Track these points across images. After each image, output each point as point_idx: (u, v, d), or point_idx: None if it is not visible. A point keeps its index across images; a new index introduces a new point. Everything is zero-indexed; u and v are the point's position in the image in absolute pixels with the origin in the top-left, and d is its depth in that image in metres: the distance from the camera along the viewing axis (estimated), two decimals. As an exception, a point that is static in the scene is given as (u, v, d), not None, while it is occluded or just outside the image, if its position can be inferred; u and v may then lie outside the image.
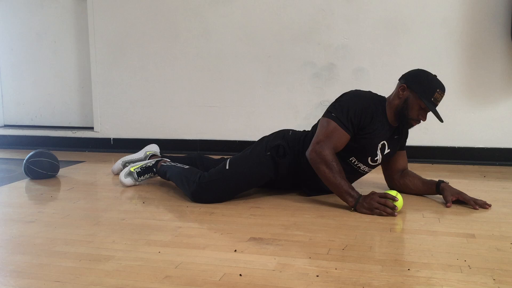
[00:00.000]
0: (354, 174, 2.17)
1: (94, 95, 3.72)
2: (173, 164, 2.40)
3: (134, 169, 2.45)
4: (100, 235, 1.71)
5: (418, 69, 2.12)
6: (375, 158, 2.12)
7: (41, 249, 1.58)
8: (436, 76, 2.05)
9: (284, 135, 2.26)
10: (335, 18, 3.19)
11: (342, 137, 2.02)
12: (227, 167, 2.15)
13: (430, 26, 3.05)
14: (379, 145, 2.09)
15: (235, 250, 1.54)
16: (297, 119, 3.32)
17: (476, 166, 2.97)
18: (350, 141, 2.05)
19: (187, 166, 2.31)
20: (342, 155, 2.08)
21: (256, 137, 2.32)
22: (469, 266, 1.40)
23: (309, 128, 2.29)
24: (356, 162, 2.11)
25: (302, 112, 3.31)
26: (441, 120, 2.03)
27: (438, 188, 2.12)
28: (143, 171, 2.46)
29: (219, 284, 1.30)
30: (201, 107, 3.51)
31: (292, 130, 2.31)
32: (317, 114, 3.27)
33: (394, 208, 1.89)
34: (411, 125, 2.10)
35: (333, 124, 2.02)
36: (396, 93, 2.09)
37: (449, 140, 3.10)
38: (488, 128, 3.05)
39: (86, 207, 2.10)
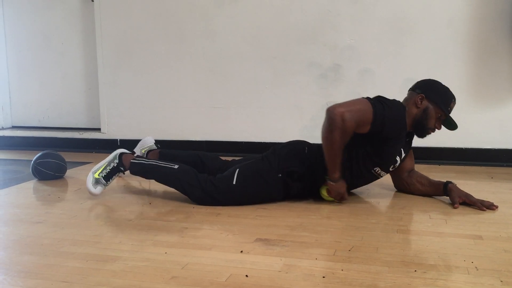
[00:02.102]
0: (372, 179, 2.19)
1: (101, 97, 3.74)
2: (152, 162, 2.24)
3: (98, 175, 2.21)
4: (107, 236, 1.72)
5: (432, 79, 2.16)
6: (396, 165, 2.15)
7: (48, 249, 1.59)
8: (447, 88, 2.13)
9: (299, 154, 2.14)
10: (341, 19, 3.19)
11: (367, 115, 1.95)
12: (234, 182, 2.06)
13: (436, 27, 3.04)
14: (399, 152, 2.12)
15: (241, 251, 1.54)
16: (303, 120, 3.32)
17: (483, 167, 2.96)
18: (376, 152, 2.04)
19: (176, 166, 2.16)
20: (368, 165, 2.08)
21: (262, 138, 2.32)
22: (476, 267, 1.39)
23: (315, 128, 2.29)
24: (379, 171, 2.13)
25: (307, 113, 3.31)
26: (456, 127, 2.11)
27: (445, 189, 2.12)
28: (109, 174, 2.24)
29: (225, 284, 1.30)
30: (207, 108, 3.52)
31: (308, 146, 2.19)
32: (323, 115, 3.26)
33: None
34: (428, 134, 2.12)
35: (365, 101, 1.99)
36: (413, 102, 2.09)
37: (456, 141, 3.08)
38: (495, 129, 3.03)
39: (93, 208, 2.11)
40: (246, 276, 1.35)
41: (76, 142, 3.81)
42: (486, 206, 2.00)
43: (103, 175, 2.22)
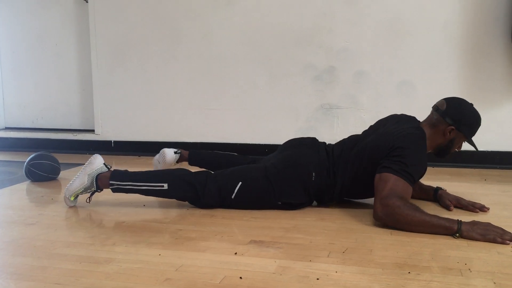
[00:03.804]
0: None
1: (95, 98, 3.73)
2: (130, 187, 2.03)
3: (74, 198, 2.09)
4: (101, 238, 1.71)
5: (464, 104, 2.00)
6: None
7: (41, 251, 1.58)
8: (473, 105, 2.02)
9: (303, 182, 1.98)
10: (336, 21, 3.20)
11: (409, 190, 1.80)
12: (233, 196, 2.01)
13: (431, 30, 3.06)
14: None
15: (236, 253, 1.54)
16: (298, 122, 3.32)
17: (477, 170, 2.97)
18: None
19: (166, 185, 2.01)
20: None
21: (257, 140, 2.31)
22: (469, 269, 1.40)
23: (310, 129, 2.24)
24: None
25: (303, 115, 3.31)
26: (477, 150, 2.06)
27: (435, 195, 2.13)
28: (89, 194, 2.10)
29: (220, 286, 1.30)
30: (202, 110, 3.51)
31: (316, 171, 1.99)
32: (318, 116, 3.28)
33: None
34: (447, 156, 2.08)
35: (394, 177, 1.78)
36: (441, 132, 1.98)
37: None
38: (489, 131, 3.04)
39: (87, 210, 2.10)
40: (240, 278, 1.35)
41: (70, 143, 3.80)
42: (478, 208, 2.01)
43: (77, 196, 2.10)
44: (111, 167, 2.11)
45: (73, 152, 3.72)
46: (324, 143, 2.18)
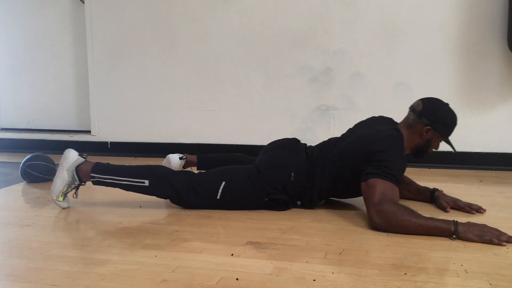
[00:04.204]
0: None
1: (91, 99, 3.72)
2: (112, 181, 2.03)
3: (62, 195, 2.07)
4: (97, 239, 1.70)
5: (439, 104, 2.02)
6: None
7: (37, 252, 1.57)
8: (448, 105, 2.03)
9: (283, 181, 2.01)
10: (333, 23, 3.20)
11: (395, 189, 1.81)
12: (218, 197, 2.01)
13: (427, 31, 3.07)
14: None
15: (232, 254, 1.54)
16: (295, 123, 3.32)
17: (472, 171, 2.98)
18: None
19: (147, 181, 2.01)
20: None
21: (253, 141, 2.31)
22: (465, 270, 1.40)
23: (306, 131, 2.26)
24: None
25: (299, 116, 3.32)
26: (455, 150, 2.07)
27: (432, 196, 2.14)
28: (74, 189, 2.09)
29: (216, 288, 1.30)
30: (199, 111, 3.51)
31: (295, 171, 2.01)
32: (315, 118, 3.28)
33: (509, 238, 1.64)
34: (425, 156, 2.09)
35: (380, 181, 1.79)
36: (418, 132, 1.99)
37: (446, 145, 3.10)
38: (485, 133, 3.05)
39: (83, 211, 2.09)
40: (237, 279, 1.35)
41: (66, 144, 3.78)
42: (474, 209, 2.01)
43: (66, 193, 2.08)
44: (86, 156, 2.11)
45: (69, 153, 3.71)
46: (305, 144, 2.20)
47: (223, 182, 2.02)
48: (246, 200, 2.03)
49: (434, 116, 1.98)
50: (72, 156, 2.07)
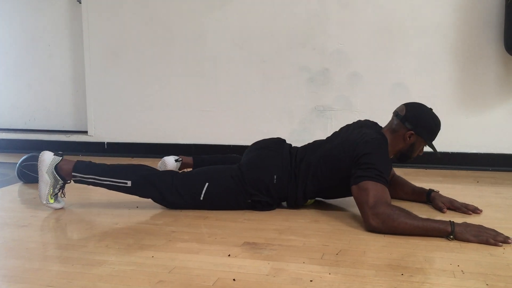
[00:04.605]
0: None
1: (88, 99, 3.72)
2: (93, 180, 2.02)
3: (52, 198, 2.06)
4: (93, 240, 1.70)
5: (421, 109, 2.02)
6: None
7: (34, 253, 1.57)
8: (432, 110, 2.04)
9: (265, 184, 2.00)
10: (330, 24, 3.21)
11: (386, 192, 1.80)
12: (201, 197, 2.01)
13: (424, 32, 3.07)
14: None
15: (229, 255, 1.54)
16: (292, 124, 3.32)
17: (469, 172, 2.99)
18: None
19: (129, 182, 2.00)
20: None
21: (251, 142, 2.29)
22: (462, 271, 1.40)
23: (303, 131, 2.25)
24: None
25: (296, 116, 3.32)
26: (438, 155, 2.06)
27: (428, 197, 2.14)
28: (60, 189, 2.08)
29: (213, 289, 1.30)
30: (196, 111, 3.51)
31: (277, 174, 2.00)
32: (312, 118, 3.28)
33: (506, 239, 1.64)
34: (409, 161, 2.10)
35: (372, 183, 1.79)
36: (401, 137, 2.00)
37: (442, 146, 3.10)
38: (481, 133, 3.06)
39: (79, 212, 2.09)
40: (234, 280, 1.35)
41: (63, 144, 3.78)
42: (471, 209, 2.02)
43: (55, 195, 2.06)
44: (62, 153, 2.10)
45: (66, 153, 3.68)
46: (290, 145, 2.19)
47: (207, 183, 2.01)
48: (229, 201, 2.03)
49: (417, 121, 1.98)
50: (47, 158, 2.05)
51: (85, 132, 3.78)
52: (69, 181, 2.07)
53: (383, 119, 2.19)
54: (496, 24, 2.96)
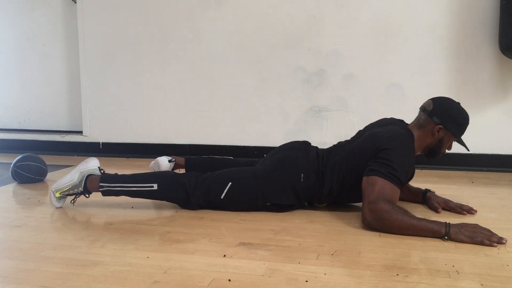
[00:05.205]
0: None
1: (83, 99, 3.70)
2: (121, 189, 2.03)
3: (60, 194, 2.07)
4: (88, 240, 1.70)
5: (451, 103, 2.00)
6: None
7: (28, 254, 1.56)
8: (460, 104, 2.02)
9: (291, 184, 1.99)
10: (326, 24, 3.21)
11: (396, 192, 1.80)
12: (222, 196, 2.01)
13: (419, 33, 3.08)
14: None
15: (224, 255, 1.54)
16: (288, 124, 3.33)
17: (464, 172, 3.00)
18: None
19: (155, 185, 2.01)
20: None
21: (246, 142, 2.30)
22: (457, 271, 1.41)
23: (299, 132, 2.25)
24: None
25: (292, 117, 3.32)
26: (468, 150, 2.06)
27: (423, 197, 2.14)
28: (72, 194, 2.09)
29: (208, 289, 1.29)
30: (192, 112, 3.50)
31: (304, 172, 1.99)
32: (307, 119, 3.29)
33: (500, 239, 1.64)
34: (438, 157, 2.07)
35: (381, 180, 1.78)
36: (429, 132, 1.97)
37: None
38: (476, 134, 3.07)
39: (74, 212, 2.08)
40: (229, 280, 1.34)
41: (57, 145, 3.76)
42: (466, 210, 2.02)
43: (66, 194, 2.08)
44: (104, 171, 2.11)
45: (60, 153, 3.69)
46: (316, 147, 2.19)
47: (230, 183, 2.01)
48: (249, 203, 2.02)
49: (446, 115, 1.96)
50: (92, 164, 2.08)
51: (80, 132, 3.77)
52: (87, 195, 2.07)
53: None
54: (491, 25, 2.97)
